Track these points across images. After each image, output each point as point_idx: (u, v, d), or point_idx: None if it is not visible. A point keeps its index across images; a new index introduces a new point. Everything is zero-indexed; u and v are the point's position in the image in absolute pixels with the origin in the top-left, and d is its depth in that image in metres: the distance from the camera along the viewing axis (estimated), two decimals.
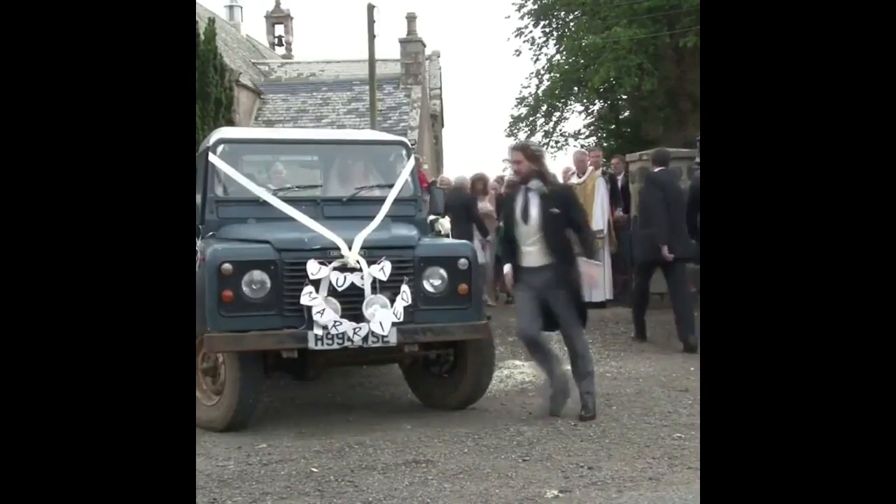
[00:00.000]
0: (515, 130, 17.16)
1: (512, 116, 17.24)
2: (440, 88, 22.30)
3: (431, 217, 5.95)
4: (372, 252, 4.70)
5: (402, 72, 19.47)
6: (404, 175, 5.59)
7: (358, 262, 4.63)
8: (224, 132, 5.78)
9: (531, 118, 16.97)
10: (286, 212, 5.09)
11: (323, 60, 22.50)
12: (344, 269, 4.62)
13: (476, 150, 46.87)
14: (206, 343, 4.53)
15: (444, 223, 6.37)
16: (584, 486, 3.64)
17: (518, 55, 18.22)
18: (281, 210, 5.10)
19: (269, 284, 4.57)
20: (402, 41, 19.53)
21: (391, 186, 5.49)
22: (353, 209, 5.34)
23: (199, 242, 5.17)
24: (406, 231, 5.12)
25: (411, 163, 5.71)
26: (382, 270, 4.67)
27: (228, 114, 14.18)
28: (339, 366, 5.44)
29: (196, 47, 12.49)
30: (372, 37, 16.27)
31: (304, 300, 4.54)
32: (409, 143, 6.07)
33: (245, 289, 4.55)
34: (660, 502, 3.44)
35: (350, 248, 4.65)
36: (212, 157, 5.30)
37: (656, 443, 4.35)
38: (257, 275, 4.57)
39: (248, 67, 20.37)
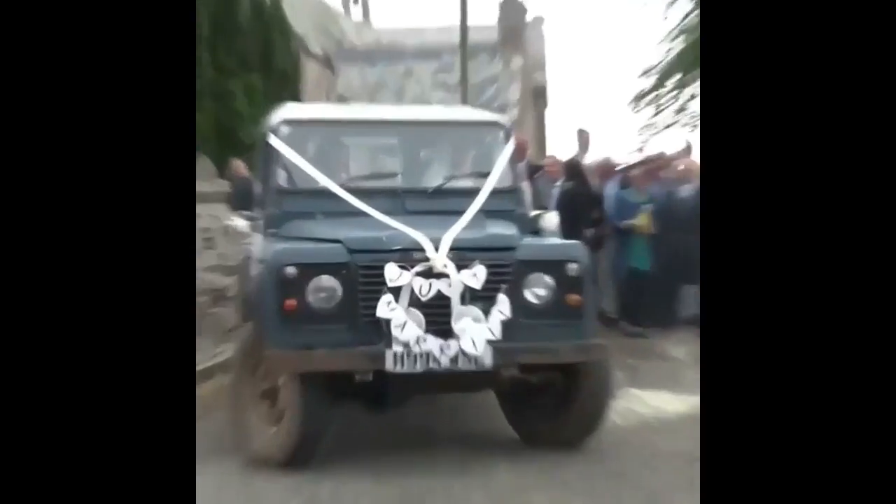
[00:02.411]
0: (638, 107, 16.84)
1: (639, 93, 16.84)
2: (544, 58, 22.16)
3: (535, 212, 5.94)
4: (463, 254, 4.69)
5: (499, 39, 19.45)
6: (502, 161, 5.59)
7: (446, 265, 4.63)
8: (289, 111, 5.86)
9: (656, 92, 16.61)
10: (360, 206, 5.14)
11: (407, 26, 22.71)
12: (429, 274, 4.62)
13: (589, 132, 46.27)
14: (269, 362, 4.59)
15: (551, 219, 6.29)
16: None
17: (644, 4, 17.87)
18: (353, 204, 5.15)
19: (339, 292, 4.60)
20: (500, 4, 19.52)
21: (486, 175, 5.50)
22: (439, 202, 5.37)
23: (256, 239, 5.25)
24: (504, 229, 5.10)
25: (510, 147, 5.71)
26: (475, 276, 4.65)
27: (295, 88, 14.40)
28: (421, 392, 5.42)
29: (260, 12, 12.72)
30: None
31: (382, 311, 4.55)
32: (507, 123, 6.06)
33: (311, 297, 4.58)
34: None
35: (437, 249, 4.65)
36: (273, 140, 5.38)
37: None
38: (326, 280, 4.60)
39: (318, 33, 20.67)
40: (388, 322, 4.55)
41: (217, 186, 10.67)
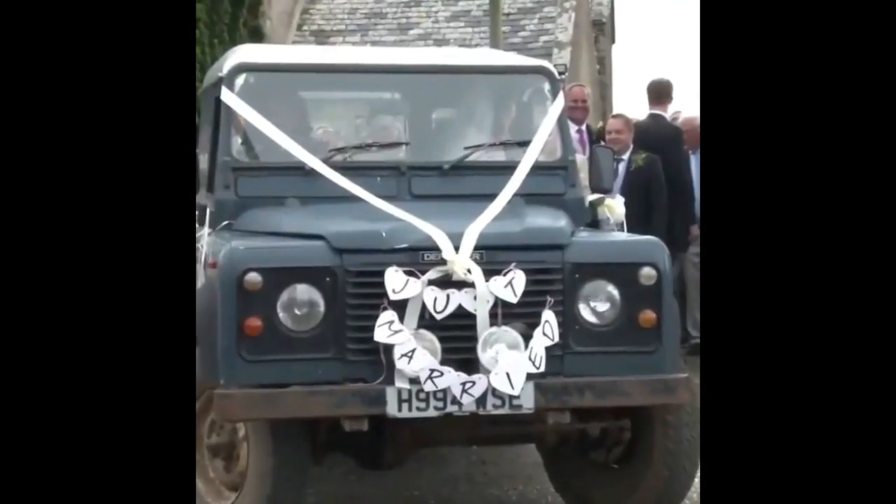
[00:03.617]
0: None
1: None
2: None
3: (593, 196, 5.98)
4: (493, 255, 4.71)
5: None
6: (547, 125, 5.62)
7: (469, 271, 4.63)
8: (246, 53, 5.88)
9: None
10: (349, 188, 5.16)
11: None
12: (447, 283, 4.64)
13: (669, 77, 46.01)
14: (218, 406, 4.59)
15: (616, 206, 6.36)
16: None
17: None
18: (340, 185, 5.17)
19: (321, 308, 4.61)
20: None
21: (525, 145, 5.54)
22: (459, 183, 5.43)
23: (204, 235, 5.28)
24: (550, 220, 5.13)
25: (559, 104, 5.72)
26: (511, 286, 4.66)
27: (254, 20, 14.40)
28: (435, 445, 5.45)
29: None
30: None
31: (381, 335, 4.55)
32: (554, 71, 6.07)
33: (283, 314, 4.59)
34: None
35: (457, 249, 4.65)
36: (226, 96, 5.40)
37: None
38: (303, 291, 4.61)
39: None
40: (389, 349, 4.55)
41: None
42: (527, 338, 4.64)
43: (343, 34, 18.40)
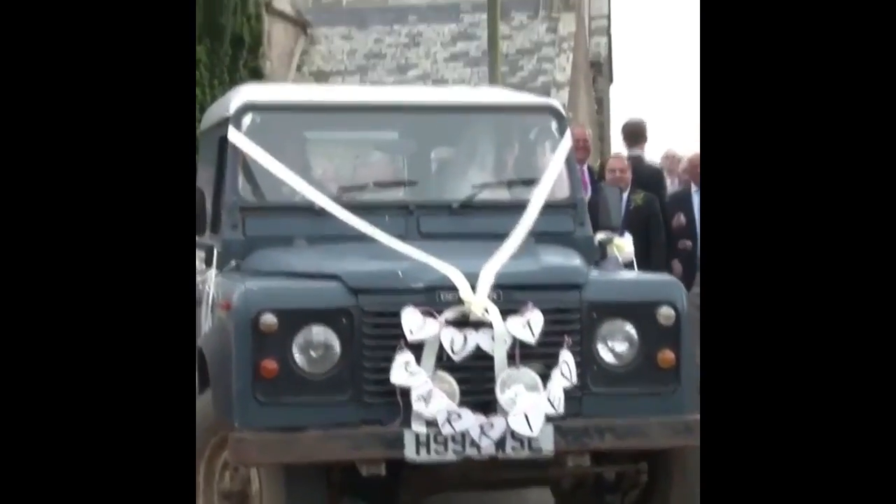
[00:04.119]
0: None
1: None
2: (608, 18, 22.18)
3: (601, 235, 5.97)
4: (510, 294, 4.70)
5: None
6: (557, 164, 5.62)
7: (487, 311, 4.61)
8: (252, 93, 5.86)
9: None
10: (361, 227, 5.16)
11: None
12: (464, 323, 4.62)
13: (666, 116, 46.36)
14: (233, 449, 4.56)
15: (624, 244, 6.42)
16: None
17: None
18: (352, 224, 5.17)
19: (337, 349, 4.60)
20: None
21: (534, 183, 5.55)
22: (468, 222, 5.43)
23: (210, 275, 5.27)
24: (565, 259, 5.14)
25: (566, 143, 5.74)
26: (528, 326, 4.64)
27: (254, 60, 14.50)
28: (453, 490, 5.41)
29: None
30: None
31: (398, 376, 4.53)
32: (562, 109, 6.11)
33: (298, 356, 4.57)
34: None
35: (474, 288, 4.63)
36: (233, 135, 5.39)
37: None
38: (319, 333, 4.59)
39: None
40: (406, 391, 4.52)
41: None
42: (544, 378, 4.62)
43: (342, 74, 18.52)
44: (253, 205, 5.37)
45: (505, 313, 4.62)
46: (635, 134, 9.79)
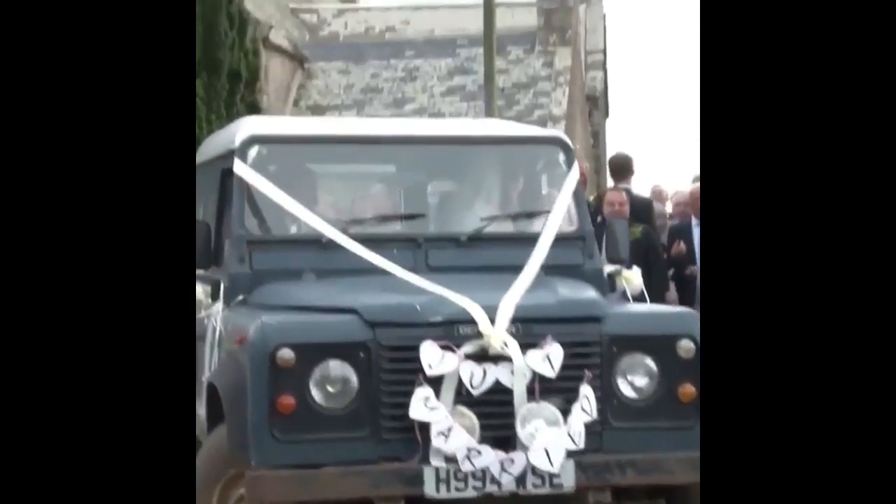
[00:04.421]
0: None
1: None
2: (604, 52, 22.26)
3: (610, 268, 5.99)
4: (529, 328, 4.68)
5: (539, 25, 19.53)
6: (565, 196, 5.61)
7: (506, 344, 4.58)
8: (256, 126, 5.84)
9: None
10: (373, 260, 5.14)
11: (407, 5, 22.93)
12: (482, 357, 4.59)
13: (662, 151, 46.48)
14: (250, 488, 4.51)
15: (633, 277, 6.42)
16: None
17: None
18: (364, 258, 5.15)
19: (355, 384, 4.57)
20: None
21: (542, 215, 5.56)
22: (476, 255, 5.42)
23: (215, 310, 5.25)
24: (581, 291, 5.13)
25: (574, 175, 5.72)
26: (548, 360, 4.61)
27: (251, 95, 14.54)
28: None
29: None
30: None
31: (417, 411, 4.50)
32: (569, 141, 6.10)
33: (316, 392, 4.54)
34: None
35: (493, 321, 4.61)
36: (239, 168, 5.36)
37: None
38: (337, 367, 4.56)
39: (283, 17, 20.86)
40: (426, 427, 4.49)
41: None
42: (565, 413, 4.60)
43: (339, 109, 18.57)
44: (259, 238, 5.34)
45: (524, 347, 4.60)
46: (622, 168, 9.97)
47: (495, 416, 4.55)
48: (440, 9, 22.07)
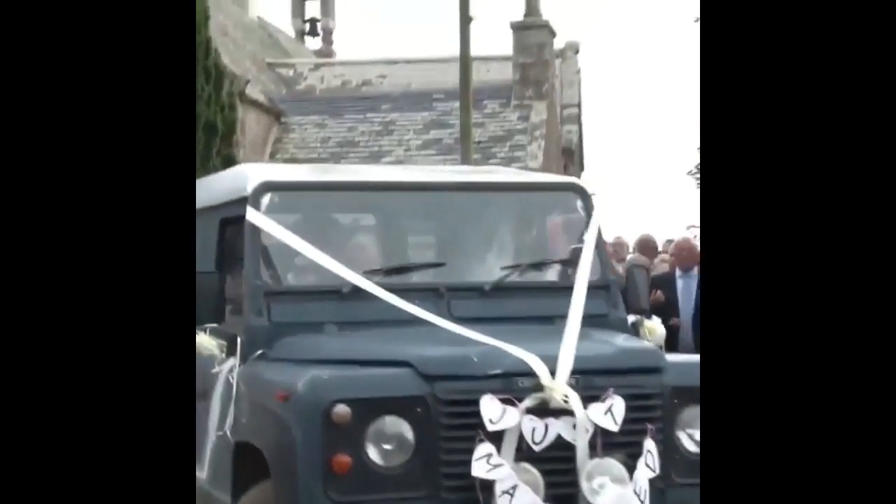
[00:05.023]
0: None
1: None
2: (579, 106, 22.45)
3: (632, 318, 5.98)
4: (589, 380, 4.60)
5: (515, 79, 19.66)
6: (590, 244, 5.59)
7: (567, 398, 4.48)
8: (265, 172, 5.75)
9: None
10: (409, 310, 5.05)
11: (383, 60, 22.97)
12: (543, 411, 4.48)
13: (639, 203, 46.81)
14: None
15: (656, 327, 6.38)
16: None
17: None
18: (385, 307, 5.07)
19: (412, 441, 4.47)
20: (515, 27, 19.71)
21: (564, 264, 5.60)
22: (500, 304, 5.40)
23: (230, 365, 5.15)
24: (635, 341, 5.15)
25: (596, 223, 5.72)
26: (611, 413, 4.54)
27: (227, 148, 14.60)
28: None
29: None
30: (466, 20, 16.36)
31: (480, 469, 4.39)
32: (586, 187, 6.12)
33: (372, 450, 4.43)
34: None
35: (553, 373, 4.51)
36: (253, 216, 5.24)
37: None
38: (393, 424, 4.46)
39: (260, 71, 20.88)
40: (488, 485, 4.37)
41: None
42: (630, 469, 4.53)
43: (315, 162, 18.61)
44: (277, 289, 5.22)
45: (585, 400, 4.51)
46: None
47: (557, 473, 4.46)
48: (416, 63, 22.22)
